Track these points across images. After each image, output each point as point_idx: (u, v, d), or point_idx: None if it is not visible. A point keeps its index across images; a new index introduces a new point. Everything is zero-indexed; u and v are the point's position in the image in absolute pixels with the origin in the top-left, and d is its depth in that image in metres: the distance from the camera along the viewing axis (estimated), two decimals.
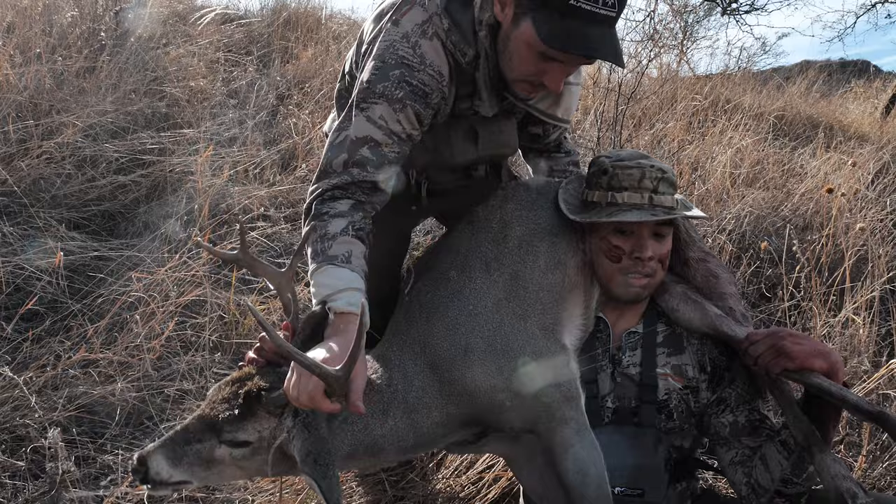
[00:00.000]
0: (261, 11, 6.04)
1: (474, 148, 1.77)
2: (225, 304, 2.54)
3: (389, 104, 1.55)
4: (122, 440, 2.04)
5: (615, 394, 1.66)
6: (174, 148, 3.43)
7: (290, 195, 3.47)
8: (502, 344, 1.52)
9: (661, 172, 1.60)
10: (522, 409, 1.50)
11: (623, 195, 1.59)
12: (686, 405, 1.67)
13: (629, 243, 1.63)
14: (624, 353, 1.69)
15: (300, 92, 4.50)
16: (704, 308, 1.68)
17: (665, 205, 1.59)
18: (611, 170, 1.61)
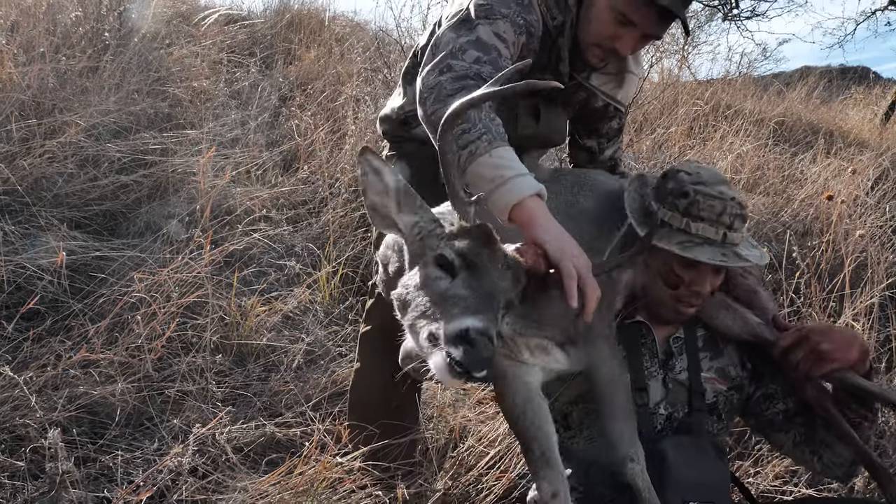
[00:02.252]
0: (264, 13, 6.06)
1: (535, 124, 1.87)
2: (226, 306, 2.55)
3: (513, 26, 1.60)
4: (122, 441, 2.04)
5: (667, 401, 1.66)
6: (176, 148, 3.43)
7: (291, 196, 3.48)
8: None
9: (740, 208, 1.53)
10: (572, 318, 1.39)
11: (699, 226, 1.52)
12: (731, 404, 1.70)
13: (690, 275, 1.57)
14: (675, 359, 1.69)
15: (303, 94, 4.50)
16: (745, 316, 1.69)
17: (735, 242, 1.54)
18: (692, 194, 1.53)
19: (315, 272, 2.88)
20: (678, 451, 1.56)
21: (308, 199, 3.49)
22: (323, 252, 2.96)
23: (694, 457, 1.58)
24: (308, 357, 2.49)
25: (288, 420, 2.23)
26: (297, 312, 2.71)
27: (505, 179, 1.32)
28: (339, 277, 2.90)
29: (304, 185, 3.57)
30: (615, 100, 1.92)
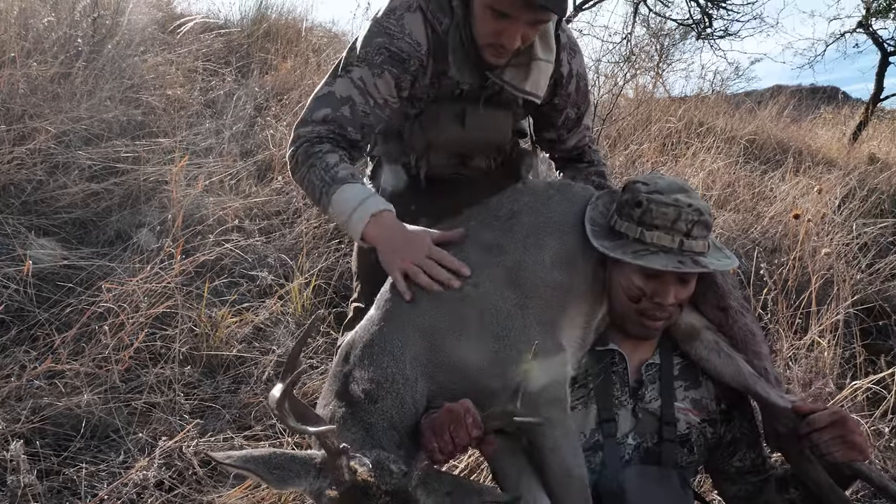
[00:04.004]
0: (241, 21, 6.03)
1: (461, 128, 1.86)
2: (196, 317, 2.52)
3: (370, 68, 1.70)
4: (87, 453, 2.01)
5: (636, 431, 1.61)
6: (149, 157, 3.40)
7: (265, 207, 3.46)
8: (498, 327, 1.47)
9: (698, 214, 1.50)
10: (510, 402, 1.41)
11: (653, 234, 1.50)
12: (704, 438, 1.65)
13: (652, 286, 1.54)
14: (646, 388, 1.63)
15: (278, 103, 4.49)
16: (738, 365, 1.64)
17: (695, 250, 1.50)
18: (645, 203, 1.51)
19: (287, 283, 2.86)
20: (639, 481, 1.54)
21: (282, 210, 3.47)
22: (296, 263, 2.95)
23: (655, 486, 1.55)
24: (279, 369, 2.47)
25: (257, 433, 2.22)
26: (269, 324, 2.69)
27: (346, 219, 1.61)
28: (311, 289, 2.89)
29: (278, 196, 3.56)
30: (524, 91, 1.81)
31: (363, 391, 1.39)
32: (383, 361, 1.41)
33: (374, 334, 1.46)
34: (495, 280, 1.53)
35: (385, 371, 1.40)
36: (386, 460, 1.27)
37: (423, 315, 1.48)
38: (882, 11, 8.43)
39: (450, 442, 1.27)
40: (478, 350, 1.44)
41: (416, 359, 1.43)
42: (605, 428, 1.58)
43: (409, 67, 1.72)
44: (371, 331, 1.47)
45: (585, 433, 1.60)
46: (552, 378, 1.48)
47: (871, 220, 4.19)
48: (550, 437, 1.45)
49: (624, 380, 1.63)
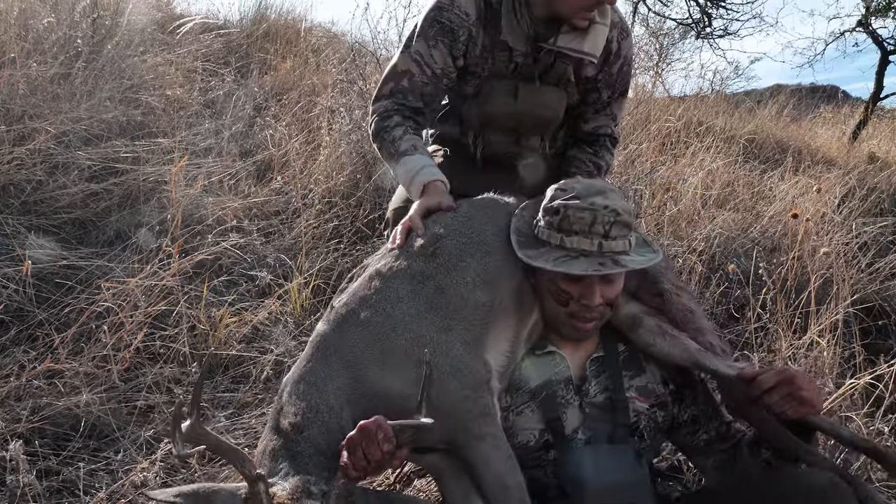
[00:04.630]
0: (240, 22, 6.05)
1: (513, 101, 1.99)
2: (196, 316, 2.52)
3: (425, 40, 1.91)
4: (85, 453, 2.01)
5: (584, 426, 1.63)
6: (148, 157, 3.40)
7: (264, 207, 3.46)
8: (419, 353, 1.48)
9: (615, 215, 1.53)
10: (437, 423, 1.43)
11: (573, 239, 1.53)
12: (655, 423, 1.68)
13: (577, 289, 1.58)
14: (590, 384, 1.66)
15: (278, 103, 4.50)
16: (684, 343, 1.66)
17: (615, 250, 1.53)
18: (562, 210, 1.55)
19: (286, 283, 2.87)
20: (594, 458, 1.58)
21: (281, 210, 3.48)
22: (295, 263, 2.95)
23: (610, 462, 1.58)
24: (277, 368, 2.47)
25: (258, 431, 2.22)
26: (268, 324, 2.69)
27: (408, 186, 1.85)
28: (310, 289, 2.89)
29: (278, 196, 3.56)
30: (582, 52, 1.91)
31: (290, 424, 1.45)
32: (308, 394, 1.47)
33: (302, 370, 1.53)
34: (419, 307, 1.56)
35: (309, 403, 1.46)
36: (307, 483, 1.32)
37: (348, 347, 1.52)
38: (881, 10, 8.44)
39: (362, 458, 1.29)
40: (400, 378, 1.46)
41: (340, 389, 1.47)
42: (554, 426, 1.62)
43: (458, 37, 1.91)
44: (300, 367, 1.54)
45: (535, 434, 1.64)
46: (478, 395, 1.51)
47: (871, 220, 4.18)
48: (481, 451, 1.48)
49: (567, 378, 1.67)
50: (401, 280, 1.60)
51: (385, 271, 1.62)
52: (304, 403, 1.45)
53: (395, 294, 1.57)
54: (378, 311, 1.54)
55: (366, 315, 1.54)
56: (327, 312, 1.63)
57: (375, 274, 1.62)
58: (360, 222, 3.42)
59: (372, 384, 1.48)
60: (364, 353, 1.50)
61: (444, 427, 1.47)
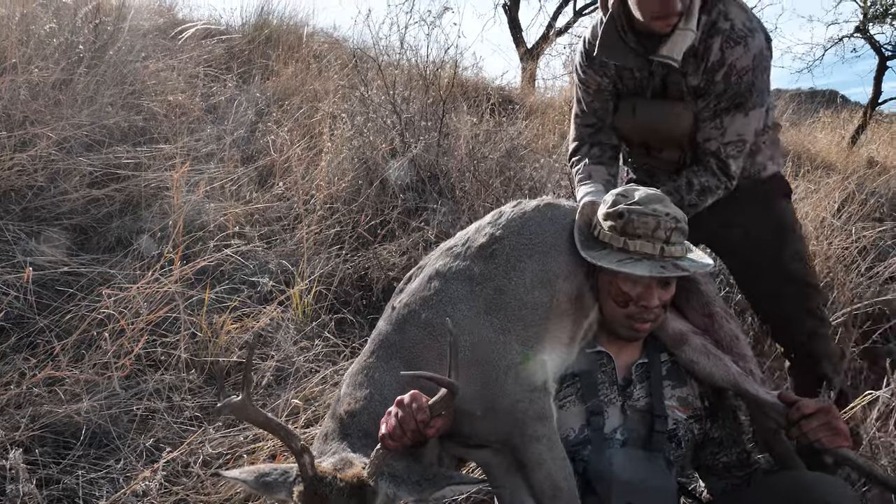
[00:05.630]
0: (242, 27, 6.05)
1: (632, 117, 2.13)
2: (198, 322, 2.52)
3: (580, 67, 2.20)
4: (86, 461, 2.01)
5: (624, 427, 1.68)
6: (150, 163, 3.41)
7: (266, 212, 3.46)
8: (478, 354, 1.55)
9: (675, 222, 1.60)
10: (494, 422, 1.54)
11: (636, 243, 1.60)
12: (692, 434, 1.73)
13: (636, 290, 1.63)
14: (634, 387, 1.71)
15: (279, 109, 4.50)
16: (726, 365, 1.72)
17: (675, 255, 1.60)
18: (626, 214, 1.61)
19: (288, 289, 2.87)
20: (625, 458, 1.62)
21: (283, 216, 3.47)
22: (296, 269, 2.95)
23: (641, 464, 1.62)
24: (278, 375, 2.47)
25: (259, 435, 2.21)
26: (269, 330, 2.69)
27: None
28: (312, 294, 2.89)
29: (279, 202, 3.56)
30: (662, 56, 1.95)
31: (345, 411, 1.54)
32: (365, 384, 1.55)
33: (362, 364, 1.61)
34: (477, 308, 1.61)
35: (365, 392, 1.54)
36: (351, 458, 1.41)
37: (409, 347, 1.58)
38: (879, 17, 8.45)
39: (398, 427, 1.36)
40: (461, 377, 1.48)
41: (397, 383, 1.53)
42: (594, 421, 1.66)
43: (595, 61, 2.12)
44: (360, 361, 1.63)
45: (575, 429, 1.68)
46: (535, 396, 1.56)
47: (870, 224, 4.18)
48: (536, 452, 1.52)
49: (612, 378, 1.72)
50: (460, 281, 1.65)
51: (444, 272, 1.67)
52: (361, 392, 1.54)
53: (455, 295, 1.62)
54: (438, 312, 1.59)
55: (426, 316, 1.59)
56: (388, 312, 1.69)
57: (435, 274, 1.67)
58: (362, 228, 3.41)
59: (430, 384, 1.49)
60: (423, 353, 1.55)
61: (501, 426, 1.54)
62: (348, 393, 1.56)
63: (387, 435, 1.37)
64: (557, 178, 3.93)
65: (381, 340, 1.62)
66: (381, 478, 1.37)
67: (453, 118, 4.43)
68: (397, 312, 1.64)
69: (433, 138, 3.94)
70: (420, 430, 1.37)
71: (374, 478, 1.36)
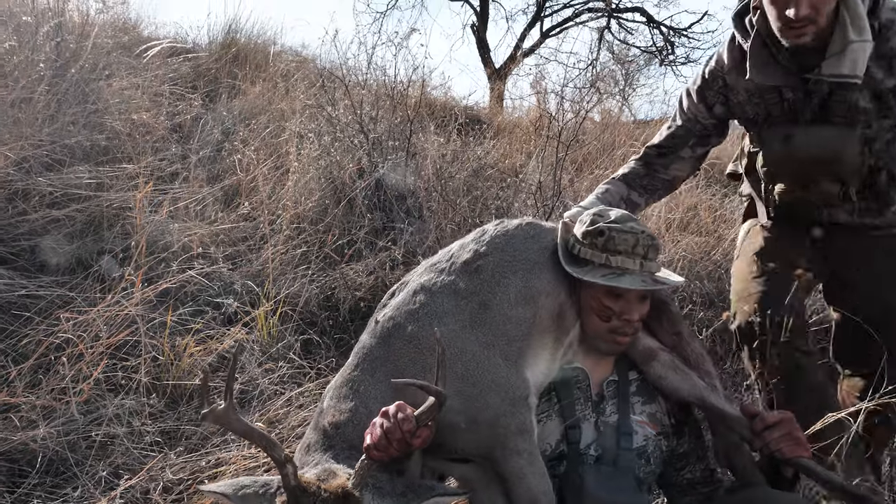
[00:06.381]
0: (209, 46, 6.02)
1: (784, 146, 1.98)
2: (160, 345, 2.48)
3: (686, 94, 2.18)
4: (42, 489, 1.95)
5: (598, 443, 1.72)
6: (112, 183, 3.36)
7: (231, 233, 3.43)
8: (463, 368, 1.58)
9: (651, 239, 1.71)
10: (476, 435, 1.56)
11: (618, 259, 1.68)
12: (661, 450, 1.77)
13: (619, 305, 1.71)
14: (606, 403, 1.76)
15: (246, 128, 4.47)
16: (693, 380, 1.79)
17: (652, 270, 1.70)
18: (607, 231, 1.69)
19: (253, 310, 2.84)
20: (596, 474, 1.65)
21: (248, 236, 3.45)
22: (262, 290, 2.93)
23: (612, 481, 1.66)
24: (242, 398, 2.44)
25: (221, 460, 2.18)
26: (234, 352, 2.65)
27: None
28: (277, 315, 2.87)
29: (245, 222, 3.53)
30: (841, 74, 1.80)
31: (329, 423, 1.54)
32: (350, 397, 1.56)
33: (346, 377, 1.62)
34: (462, 322, 1.63)
35: (349, 405, 1.55)
36: (335, 468, 1.42)
37: (393, 360, 1.59)
38: None
39: (383, 437, 1.37)
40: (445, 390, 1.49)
41: (382, 396, 1.53)
42: (571, 435, 1.70)
43: (712, 85, 2.08)
44: (343, 374, 1.63)
45: (552, 444, 1.72)
46: (517, 410, 1.58)
47: None
48: (516, 466, 1.54)
49: (587, 395, 1.77)
50: (445, 295, 1.67)
51: (430, 286, 1.69)
52: (345, 405, 1.55)
53: (440, 309, 1.64)
54: (423, 325, 1.61)
55: (412, 329, 1.61)
56: (371, 326, 1.70)
57: (420, 289, 1.69)
58: (329, 248, 3.41)
59: (414, 396, 1.50)
60: (409, 366, 1.56)
61: (483, 439, 1.56)
62: (332, 405, 1.58)
63: (372, 446, 1.38)
64: (524, 198, 3.97)
65: (365, 354, 1.64)
66: (365, 489, 1.36)
67: (421, 138, 4.46)
68: (381, 326, 1.66)
69: (400, 158, 3.96)
70: (406, 441, 1.37)
71: (358, 489, 1.36)
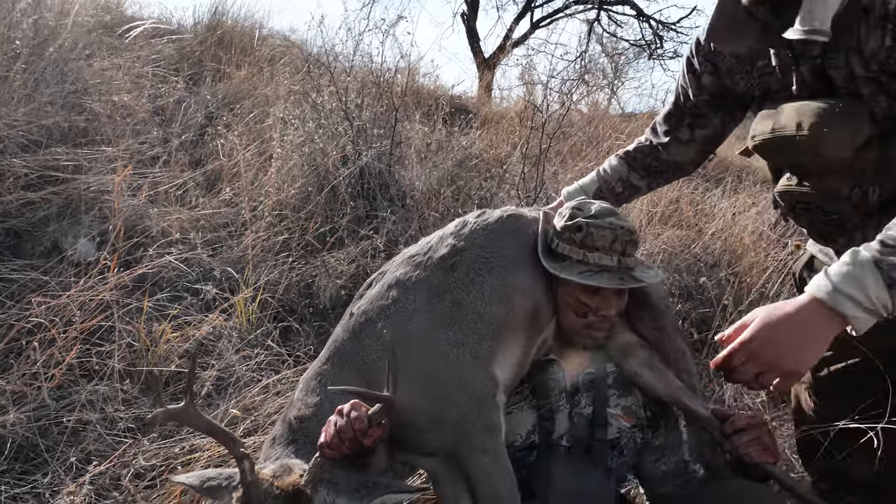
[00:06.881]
0: (194, 27, 5.93)
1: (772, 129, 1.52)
2: (135, 331, 2.46)
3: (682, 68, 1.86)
4: (10, 476, 1.94)
5: (570, 434, 1.71)
6: (90, 165, 3.31)
7: (213, 218, 3.40)
8: (430, 366, 1.57)
9: (630, 234, 1.67)
10: (441, 433, 1.56)
11: (595, 255, 1.65)
12: (635, 443, 1.77)
13: (595, 301, 1.69)
14: (581, 394, 1.75)
15: (230, 112, 4.42)
16: (669, 379, 1.77)
17: (630, 266, 1.67)
18: (585, 227, 1.66)
19: (232, 297, 2.82)
20: (566, 465, 1.65)
21: (230, 222, 3.42)
22: (241, 276, 2.91)
23: (580, 472, 1.66)
24: (219, 384, 2.43)
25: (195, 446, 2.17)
26: (212, 338, 2.64)
27: None
28: (257, 302, 2.85)
29: (227, 208, 3.50)
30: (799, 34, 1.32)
31: (294, 416, 1.55)
32: (318, 391, 1.56)
33: (317, 370, 1.62)
34: (433, 321, 1.62)
35: (315, 399, 1.55)
36: (292, 464, 1.43)
37: (362, 357, 1.59)
38: None
39: (335, 435, 1.39)
40: (409, 389, 1.50)
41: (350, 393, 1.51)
42: (544, 426, 1.70)
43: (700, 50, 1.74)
44: (315, 367, 1.64)
45: (522, 434, 1.72)
46: (483, 408, 1.58)
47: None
48: (481, 464, 1.55)
49: (562, 386, 1.76)
50: (419, 291, 1.65)
51: (404, 281, 1.67)
52: (312, 399, 1.56)
53: (412, 306, 1.63)
54: (394, 322, 1.60)
55: (382, 326, 1.60)
56: (346, 318, 1.68)
57: (395, 283, 1.67)
58: (311, 235, 3.38)
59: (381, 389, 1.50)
60: (377, 364, 1.55)
61: (448, 437, 1.56)
62: (300, 398, 1.59)
63: (325, 444, 1.39)
64: (508, 189, 3.96)
65: (336, 347, 1.64)
66: (319, 485, 1.38)
67: (406, 126, 4.44)
68: (355, 320, 1.65)
69: (385, 147, 3.94)
70: (357, 440, 1.38)
71: (310, 486, 1.37)
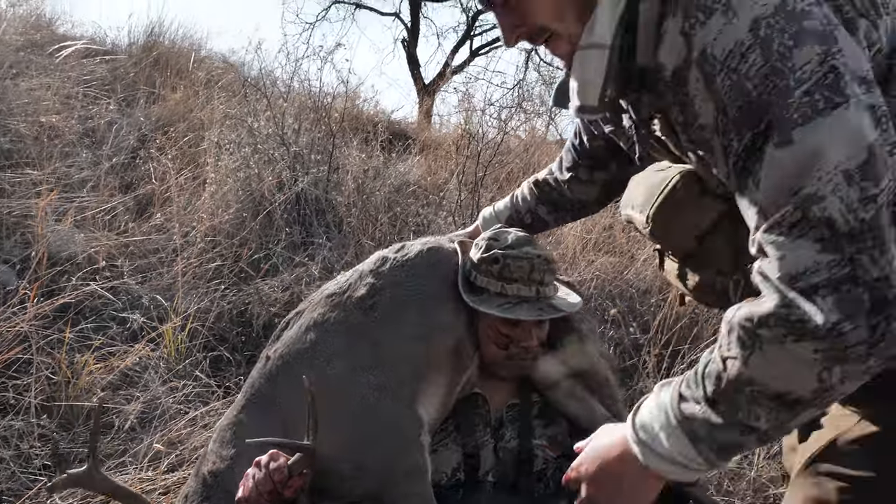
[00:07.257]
0: (129, 48, 5.83)
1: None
2: (55, 363, 2.37)
3: None
4: None
5: (496, 469, 1.66)
6: (13, 189, 3.20)
7: (142, 245, 3.32)
8: (350, 413, 1.52)
9: (547, 263, 1.65)
10: (364, 480, 1.51)
11: (513, 287, 1.63)
12: (561, 472, 1.67)
13: (516, 332, 1.67)
14: (506, 428, 1.71)
15: (164, 135, 4.35)
16: (592, 408, 1.76)
17: (549, 295, 1.66)
18: (501, 259, 1.63)
19: (161, 326, 2.76)
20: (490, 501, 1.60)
21: (160, 248, 3.35)
22: (171, 304, 2.85)
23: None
24: (144, 417, 2.36)
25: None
26: (138, 370, 2.57)
27: None
28: (186, 332, 2.79)
29: (158, 233, 3.43)
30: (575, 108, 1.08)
31: (208, 470, 1.50)
32: (233, 442, 1.51)
33: (232, 419, 1.57)
34: (353, 365, 1.57)
35: (231, 451, 1.50)
36: None
37: (280, 401, 1.54)
38: None
39: (253, 489, 1.35)
40: (330, 436, 1.46)
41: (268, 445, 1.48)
42: (469, 463, 1.65)
43: None
44: (230, 415, 1.58)
45: (447, 473, 1.66)
46: (408, 452, 1.53)
47: None
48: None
49: (486, 420, 1.72)
50: (337, 334, 1.59)
51: (322, 322, 1.61)
52: (227, 451, 1.50)
53: (331, 350, 1.57)
54: (313, 367, 1.53)
55: (300, 371, 1.51)
56: (262, 362, 1.62)
57: (313, 325, 1.61)
58: (244, 262, 3.35)
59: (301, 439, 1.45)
60: (296, 411, 1.47)
61: (372, 484, 1.50)
62: (214, 450, 1.52)
63: (243, 499, 1.35)
64: (445, 215, 4.01)
65: (252, 393, 1.58)
66: None
67: (343, 152, 4.45)
68: (272, 363, 1.59)
69: (322, 172, 3.94)
70: (277, 492, 1.35)
71: None
